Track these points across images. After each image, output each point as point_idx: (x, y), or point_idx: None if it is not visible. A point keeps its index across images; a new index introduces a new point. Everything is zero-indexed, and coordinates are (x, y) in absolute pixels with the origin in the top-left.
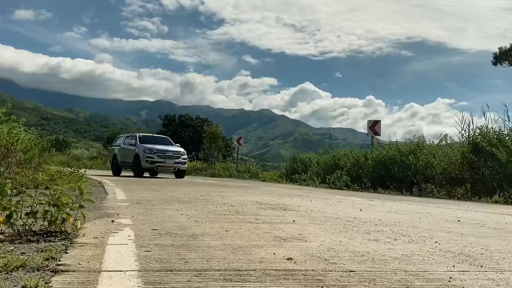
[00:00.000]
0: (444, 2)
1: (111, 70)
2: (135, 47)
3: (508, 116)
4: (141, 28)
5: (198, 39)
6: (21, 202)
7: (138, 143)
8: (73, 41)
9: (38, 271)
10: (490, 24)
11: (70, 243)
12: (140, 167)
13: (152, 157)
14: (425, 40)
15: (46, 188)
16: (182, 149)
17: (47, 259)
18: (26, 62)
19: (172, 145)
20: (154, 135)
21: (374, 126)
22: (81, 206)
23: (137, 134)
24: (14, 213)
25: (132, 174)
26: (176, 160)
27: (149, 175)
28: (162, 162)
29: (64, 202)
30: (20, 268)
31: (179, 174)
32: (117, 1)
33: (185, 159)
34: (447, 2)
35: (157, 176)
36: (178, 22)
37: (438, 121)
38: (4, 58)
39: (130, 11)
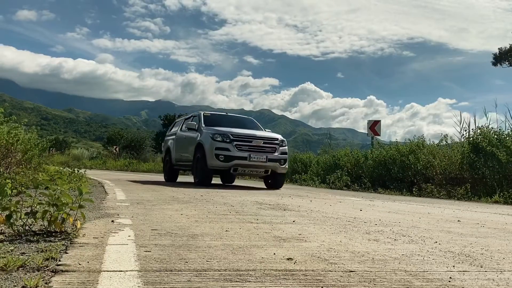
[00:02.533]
0: (445, 3)
1: (112, 70)
2: (137, 48)
3: (511, 116)
4: (143, 28)
5: (200, 39)
6: (21, 202)
7: (203, 125)
8: (75, 42)
9: (38, 271)
10: (491, 24)
11: (70, 243)
12: (205, 167)
13: (227, 149)
14: (426, 41)
15: (46, 188)
16: (277, 135)
17: (47, 259)
18: (28, 62)
19: (260, 129)
20: (229, 114)
21: (374, 126)
22: (81, 206)
23: (202, 113)
24: (14, 213)
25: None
26: (271, 156)
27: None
28: (245, 159)
29: (64, 202)
30: (20, 268)
31: (275, 180)
32: (119, 1)
33: (285, 152)
34: (449, 3)
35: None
36: (180, 22)
37: (439, 121)
38: (5, 59)
39: (132, 12)
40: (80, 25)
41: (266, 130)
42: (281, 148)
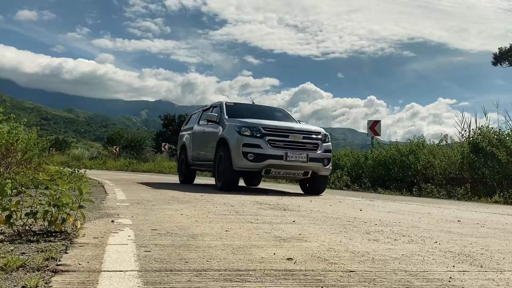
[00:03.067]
0: (446, 3)
1: (113, 70)
2: (138, 48)
3: (509, 116)
4: (144, 28)
5: (200, 39)
6: (21, 202)
7: (226, 116)
8: (75, 42)
9: (38, 271)
10: (492, 24)
11: (70, 243)
12: (230, 168)
13: (258, 145)
14: (426, 41)
15: (46, 188)
16: (319, 128)
17: (47, 259)
18: (28, 62)
19: (295, 121)
20: (254, 103)
21: (374, 126)
22: (81, 206)
23: (224, 102)
24: (14, 213)
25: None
26: (312, 154)
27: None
28: (280, 158)
29: (64, 202)
30: (20, 268)
31: (315, 183)
32: (120, 1)
33: (329, 150)
34: (449, 3)
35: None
36: (180, 22)
37: (439, 121)
38: (6, 59)
39: (133, 12)
40: (80, 25)
41: (301, 122)
42: (324, 144)
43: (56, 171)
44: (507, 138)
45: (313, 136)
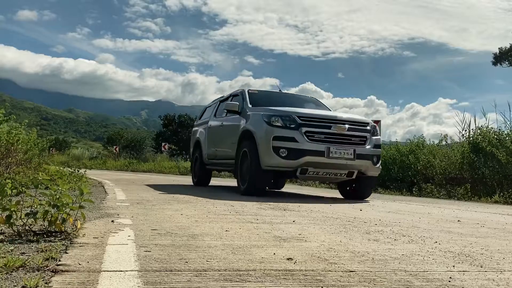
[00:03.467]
0: (446, 3)
1: (113, 70)
2: (138, 48)
3: (505, 117)
4: (144, 28)
5: (200, 39)
6: (21, 202)
7: (249, 105)
8: (75, 42)
9: (38, 271)
10: (492, 24)
11: (70, 243)
12: (256, 167)
13: (293, 139)
14: (427, 41)
15: (46, 188)
16: (366, 118)
17: (47, 259)
18: (28, 62)
19: (330, 110)
20: (281, 91)
21: None
22: (81, 206)
23: (246, 90)
24: (14, 213)
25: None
26: (360, 150)
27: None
28: (321, 154)
29: (64, 202)
30: (20, 268)
31: (361, 186)
32: (120, 2)
33: (379, 145)
34: (450, 3)
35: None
36: (181, 23)
37: (439, 121)
38: (6, 59)
39: (133, 12)
40: (81, 25)
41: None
42: (373, 138)
43: (56, 171)
44: (507, 138)
45: (361, 127)
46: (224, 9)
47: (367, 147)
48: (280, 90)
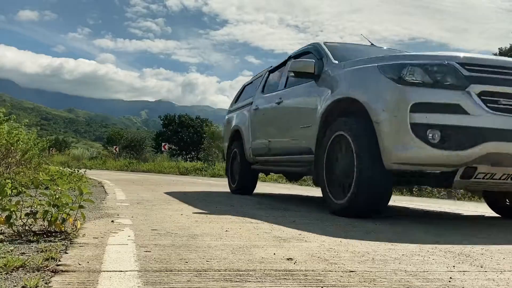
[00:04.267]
0: (447, 4)
1: (113, 70)
2: (138, 48)
3: None
4: (145, 29)
5: (201, 39)
6: (21, 202)
7: (333, 61)
8: (76, 42)
9: (38, 271)
10: (493, 25)
11: (70, 243)
12: (373, 167)
13: (457, 107)
14: (428, 41)
15: (46, 188)
16: None
17: (47, 259)
18: (29, 62)
19: None
20: (373, 45)
21: None
22: (81, 206)
23: (322, 42)
24: (14, 213)
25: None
26: None
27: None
28: None
29: (64, 202)
30: (20, 268)
31: None
32: (121, 2)
33: None
34: (451, 4)
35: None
36: (181, 23)
37: None
38: (7, 59)
39: (134, 12)
40: (81, 25)
41: None
42: None
43: (56, 171)
44: None
45: None
46: (225, 9)
47: None
48: (372, 44)
